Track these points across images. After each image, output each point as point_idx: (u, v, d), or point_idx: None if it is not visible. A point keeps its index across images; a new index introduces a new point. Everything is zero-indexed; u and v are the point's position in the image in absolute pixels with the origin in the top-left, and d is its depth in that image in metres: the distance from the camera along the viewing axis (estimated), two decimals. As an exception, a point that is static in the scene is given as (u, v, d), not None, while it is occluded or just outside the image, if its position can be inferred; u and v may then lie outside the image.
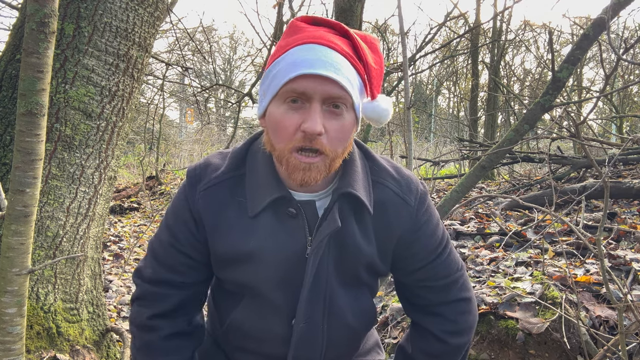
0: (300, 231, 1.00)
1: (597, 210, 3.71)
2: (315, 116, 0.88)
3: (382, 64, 0.99)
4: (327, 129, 0.90)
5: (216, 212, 1.02)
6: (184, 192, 1.05)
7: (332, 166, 0.94)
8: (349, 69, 0.90)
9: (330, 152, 0.91)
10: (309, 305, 1.03)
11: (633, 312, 1.53)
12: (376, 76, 0.96)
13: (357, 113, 0.95)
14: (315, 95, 0.88)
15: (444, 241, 1.12)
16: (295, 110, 0.90)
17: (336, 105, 0.90)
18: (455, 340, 1.12)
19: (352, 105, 0.92)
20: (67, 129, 1.68)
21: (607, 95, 6.79)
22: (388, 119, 0.99)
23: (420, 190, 1.09)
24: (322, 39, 0.91)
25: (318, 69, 0.87)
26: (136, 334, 1.10)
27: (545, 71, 10.30)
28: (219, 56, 20.30)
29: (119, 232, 4.86)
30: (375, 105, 0.97)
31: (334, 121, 0.90)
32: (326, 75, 0.87)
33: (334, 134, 0.91)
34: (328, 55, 0.89)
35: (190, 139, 13.78)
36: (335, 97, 0.89)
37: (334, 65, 0.88)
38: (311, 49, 0.90)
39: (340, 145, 0.93)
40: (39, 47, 1.08)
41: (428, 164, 7.20)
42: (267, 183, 0.99)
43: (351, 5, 2.91)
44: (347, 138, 0.94)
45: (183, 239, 1.04)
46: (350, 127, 0.94)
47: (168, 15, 3.26)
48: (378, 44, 1.00)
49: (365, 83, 0.95)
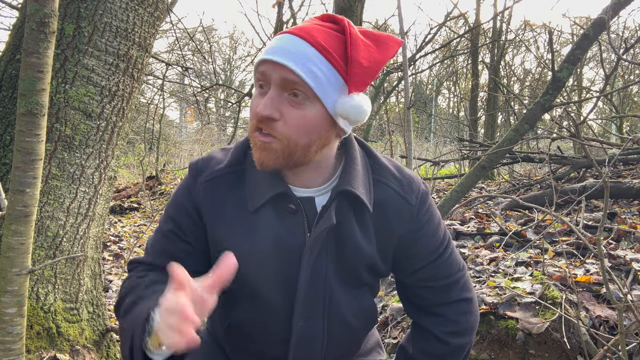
0: (299, 227, 1.00)
1: (597, 210, 3.71)
2: (266, 100, 0.91)
3: (382, 63, 0.96)
4: (284, 115, 0.91)
5: (216, 205, 1.02)
6: (186, 184, 1.06)
7: (293, 155, 0.93)
8: (317, 61, 0.90)
9: (285, 139, 0.91)
10: (307, 303, 1.02)
11: (633, 312, 1.53)
12: (360, 73, 0.93)
13: (329, 108, 0.93)
14: (272, 80, 0.91)
15: (445, 241, 1.11)
16: (261, 95, 0.94)
17: (294, 94, 0.91)
18: (457, 341, 1.11)
19: (314, 96, 0.91)
20: (67, 129, 1.68)
21: (607, 95, 6.78)
22: (361, 118, 0.95)
23: (422, 190, 1.08)
24: (301, 30, 0.93)
25: (274, 56, 0.90)
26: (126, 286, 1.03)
27: (545, 71, 10.30)
28: (219, 56, 20.29)
29: (119, 232, 4.86)
30: (345, 101, 0.93)
31: (293, 109, 0.91)
32: (279, 61, 0.89)
33: (293, 122, 0.91)
34: (293, 45, 0.91)
35: (190, 139, 13.78)
36: (291, 83, 0.90)
37: (295, 54, 0.89)
38: (282, 38, 0.93)
39: (302, 137, 0.92)
40: (39, 47, 1.08)
41: (428, 164, 7.20)
42: (268, 178, 0.99)
43: (351, 5, 2.91)
44: (310, 130, 0.92)
45: (184, 226, 1.04)
46: (315, 119, 0.92)
47: (168, 15, 3.26)
48: (394, 43, 0.97)
49: (345, 79, 0.93)
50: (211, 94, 12.37)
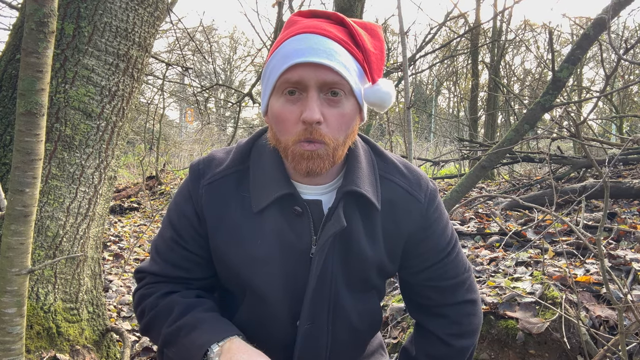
0: (305, 230, 0.98)
1: (597, 210, 3.71)
2: (312, 104, 0.87)
3: (383, 49, 0.97)
4: (326, 117, 0.89)
5: (219, 207, 1.00)
6: (187, 187, 1.03)
7: (335, 155, 0.92)
8: (344, 55, 0.89)
9: (332, 141, 0.90)
10: (314, 306, 1.01)
11: (633, 312, 1.53)
12: (376, 60, 0.95)
13: (359, 100, 0.93)
14: (311, 83, 0.88)
15: (453, 240, 1.10)
16: (293, 103, 0.90)
17: (334, 93, 0.89)
18: (460, 343, 1.10)
19: (350, 91, 0.90)
20: (67, 129, 1.68)
21: (607, 95, 6.78)
22: (391, 102, 0.96)
23: (431, 187, 1.07)
24: (315, 28, 0.91)
25: (310, 57, 0.87)
26: (147, 311, 1.02)
27: (545, 71, 10.29)
28: (219, 56, 20.30)
29: (119, 232, 4.85)
30: (376, 90, 0.94)
31: (333, 109, 0.90)
32: (319, 62, 0.86)
33: (334, 121, 0.90)
34: (321, 43, 0.88)
35: (190, 139, 13.77)
36: (331, 83, 0.88)
37: (327, 51, 0.87)
38: (304, 38, 0.89)
39: (342, 133, 0.92)
40: (38, 46, 1.08)
41: (428, 164, 7.20)
42: (273, 179, 0.97)
43: (351, 5, 2.92)
44: (349, 126, 0.93)
45: (186, 235, 1.02)
46: (352, 114, 0.92)
47: (168, 15, 3.26)
48: (379, 29, 0.98)
49: (364, 68, 0.93)
50: (211, 94, 12.36)
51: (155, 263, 1.06)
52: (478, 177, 2.74)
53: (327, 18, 0.95)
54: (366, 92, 0.94)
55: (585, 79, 13.14)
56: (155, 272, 1.05)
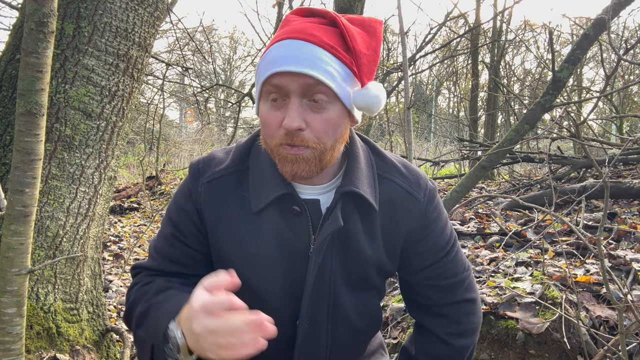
0: (304, 229, 0.99)
1: (597, 210, 3.71)
2: (291, 112, 0.88)
3: (378, 48, 0.97)
4: (309, 123, 0.89)
5: (218, 206, 1.00)
6: (187, 185, 1.04)
7: (323, 159, 0.93)
8: (329, 61, 0.89)
9: (317, 145, 0.91)
10: (313, 305, 1.01)
11: (633, 312, 1.53)
12: (367, 62, 0.94)
13: (347, 104, 0.93)
14: (291, 91, 0.88)
15: (452, 239, 1.10)
16: (277, 108, 0.91)
17: (314, 99, 0.89)
18: (460, 342, 1.10)
19: (335, 96, 0.90)
20: (67, 129, 1.68)
21: (607, 96, 6.78)
22: (380, 106, 0.95)
23: (430, 187, 1.07)
24: (301, 32, 0.91)
25: (289, 66, 0.87)
26: (131, 296, 1.02)
27: (545, 71, 10.29)
28: (219, 56, 20.29)
29: (119, 232, 4.85)
30: (364, 93, 0.93)
31: (317, 115, 0.90)
32: (297, 71, 0.87)
33: (319, 127, 0.90)
34: (303, 50, 0.88)
35: (190, 139, 13.77)
36: (312, 90, 0.88)
37: (310, 59, 0.88)
38: (286, 45, 0.90)
39: (329, 138, 0.92)
40: (38, 46, 1.08)
41: (428, 164, 7.20)
42: (272, 179, 0.98)
43: (351, 5, 2.92)
44: (335, 131, 0.93)
45: (186, 230, 1.02)
46: (338, 119, 0.92)
47: (168, 15, 3.26)
48: (378, 25, 0.97)
49: (354, 71, 0.93)
50: (211, 94, 12.37)
51: (153, 260, 1.06)
52: (478, 177, 2.74)
53: (321, 17, 0.95)
54: (355, 95, 0.94)
55: (585, 79, 13.15)
56: (151, 267, 1.05)
